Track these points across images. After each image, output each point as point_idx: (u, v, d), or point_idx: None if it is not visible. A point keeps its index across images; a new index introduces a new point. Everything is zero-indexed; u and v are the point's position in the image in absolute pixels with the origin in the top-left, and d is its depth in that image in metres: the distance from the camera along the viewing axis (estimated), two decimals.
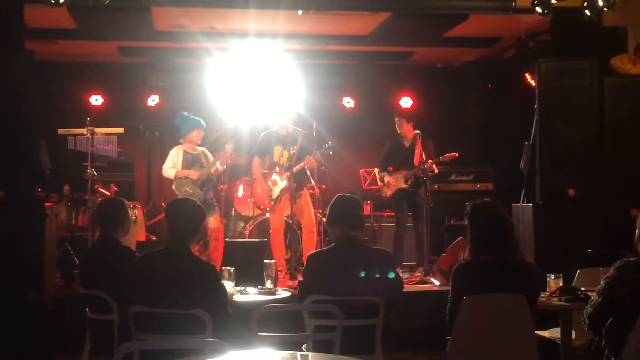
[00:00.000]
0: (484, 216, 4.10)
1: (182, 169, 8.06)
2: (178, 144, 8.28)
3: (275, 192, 7.98)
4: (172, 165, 8.10)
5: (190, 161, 8.13)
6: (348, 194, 4.66)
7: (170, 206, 4.45)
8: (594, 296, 4.00)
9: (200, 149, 8.27)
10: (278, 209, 8.04)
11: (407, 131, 8.20)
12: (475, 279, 3.99)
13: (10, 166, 5.98)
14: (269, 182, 8.05)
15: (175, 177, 8.05)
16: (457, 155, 7.98)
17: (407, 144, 8.21)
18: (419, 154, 7.91)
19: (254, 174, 8.34)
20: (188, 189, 7.98)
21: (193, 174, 8.02)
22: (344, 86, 10.66)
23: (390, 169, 8.30)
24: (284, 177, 7.90)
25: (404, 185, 8.19)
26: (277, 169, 7.99)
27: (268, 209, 8.12)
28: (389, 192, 8.36)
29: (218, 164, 8.18)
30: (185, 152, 8.15)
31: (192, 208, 4.23)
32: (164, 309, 3.85)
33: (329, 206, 4.60)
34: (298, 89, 8.52)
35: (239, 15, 7.79)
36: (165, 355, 3.35)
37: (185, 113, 8.29)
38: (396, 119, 8.34)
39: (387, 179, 8.29)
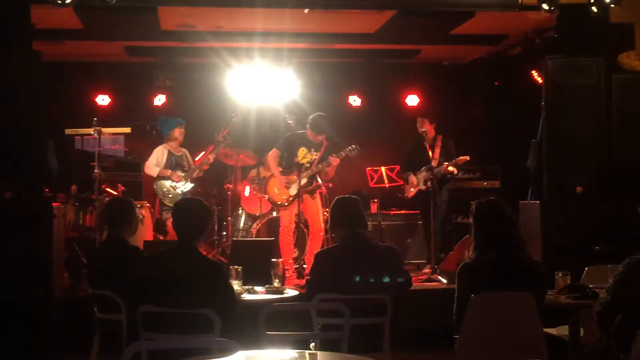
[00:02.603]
0: (488, 214, 4.09)
1: (165, 168, 8.26)
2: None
3: (294, 189, 7.92)
4: (155, 163, 8.36)
5: (173, 163, 8.38)
6: (347, 195, 4.68)
7: (177, 206, 4.46)
8: (602, 294, 3.99)
9: (183, 150, 8.48)
10: (291, 206, 8.01)
11: (428, 132, 8.24)
12: (481, 278, 3.99)
13: (18, 166, 5.99)
14: (286, 180, 8.01)
15: (157, 176, 8.25)
16: (468, 158, 8.02)
17: (427, 144, 8.23)
18: (437, 155, 8.08)
19: (270, 167, 8.26)
20: (167, 190, 8.18)
21: (176, 177, 8.21)
22: (351, 84, 10.63)
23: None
24: (304, 176, 7.87)
25: (423, 187, 8.25)
26: (299, 170, 7.90)
27: (286, 204, 8.04)
28: (411, 194, 8.44)
29: (198, 170, 8.37)
30: (169, 153, 8.38)
31: (199, 208, 4.22)
32: (172, 309, 3.85)
33: (329, 211, 4.62)
34: (304, 88, 8.52)
35: (246, 14, 7.79)
36: (173, 355, 3.36)
37: (165, 116, 8.60)
38: (417, 119, 8.40)
39: (411, 178, 8.42)
